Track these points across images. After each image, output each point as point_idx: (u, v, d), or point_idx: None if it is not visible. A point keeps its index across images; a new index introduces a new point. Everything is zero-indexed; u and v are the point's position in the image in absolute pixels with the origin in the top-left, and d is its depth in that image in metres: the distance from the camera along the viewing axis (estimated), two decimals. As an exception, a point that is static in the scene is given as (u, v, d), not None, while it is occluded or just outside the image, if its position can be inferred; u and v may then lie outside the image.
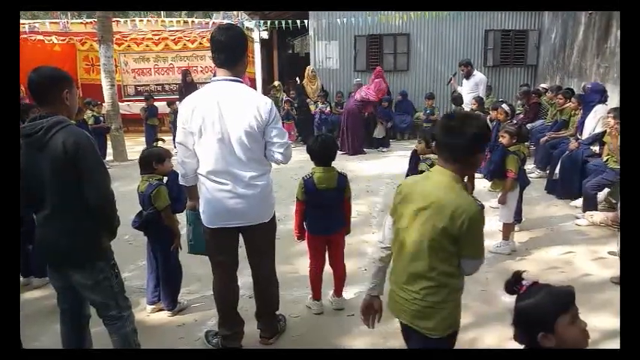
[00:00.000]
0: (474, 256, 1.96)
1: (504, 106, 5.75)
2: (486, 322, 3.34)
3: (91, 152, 2.26)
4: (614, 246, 4.26)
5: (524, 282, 1.66)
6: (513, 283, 1.66)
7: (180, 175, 2.90)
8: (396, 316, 2.08)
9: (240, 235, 2.92)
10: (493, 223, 4.94)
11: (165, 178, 3.44)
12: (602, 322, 3.31)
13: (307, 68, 10.86)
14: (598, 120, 5.97)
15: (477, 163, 1.96)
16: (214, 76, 2.78)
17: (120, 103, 11.19)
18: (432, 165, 3.83)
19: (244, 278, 3.19)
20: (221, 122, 2.63)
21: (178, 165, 2.86)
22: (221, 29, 2.68)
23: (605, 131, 5.52)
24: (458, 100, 8.24)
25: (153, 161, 3.38)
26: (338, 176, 3.30)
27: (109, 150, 9.09)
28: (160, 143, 3.69)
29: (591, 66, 7.67)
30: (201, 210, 2.84)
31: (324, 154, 3.27)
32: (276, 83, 11.38)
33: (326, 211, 3.30)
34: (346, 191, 3.37)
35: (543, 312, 1.56)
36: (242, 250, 3.01)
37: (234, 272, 2.98)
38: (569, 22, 9.05)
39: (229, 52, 2.66)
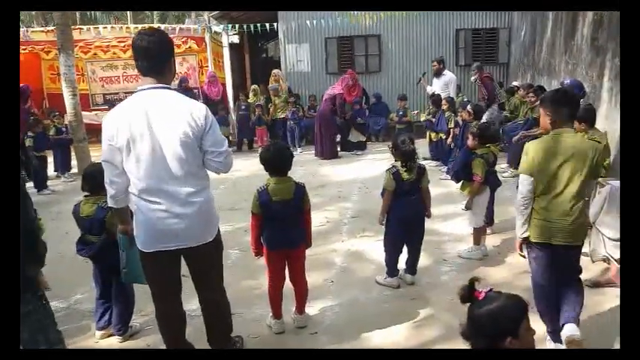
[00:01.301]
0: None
1: (469, 107, 5.66)
2: (456, 334, 3.15)
3: None
4: (587, 247, 4.15)
5: (480, 289, 1.65)
6: (469, 290, 1.65)
7: (108, 197, 2.63)
8: (548, 240, 2.78)
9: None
10: (464, 227, 4.82)
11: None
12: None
13: (272, 71, 10.66)
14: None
15: None
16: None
17: (88, 113, 10.87)
18: (395, 173, 3.66)
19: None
20: (151, 134, 2.40)
21: (106, 185, 2.59)
22: (143, 34, 2.46)
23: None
24: (437, 101, 8.12)
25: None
26: (295, 186, 3.11)
27: (74, 162, 8.76)
28: None
29: (560, 63, 7.62)
30: (135, 233, 2.59)
31: (277, 164, 3.07)
32: (254, 87, 11.14)
33: (283, 224, 3.10)
34: (305, 202, 3.17)
35: (510, 317, 1.58)
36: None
37: (177, 298, 2.75)
38: (537, 19, 9.03)
39: (154, 58, 2.45)
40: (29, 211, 2.11)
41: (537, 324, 2.74)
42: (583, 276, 3.76)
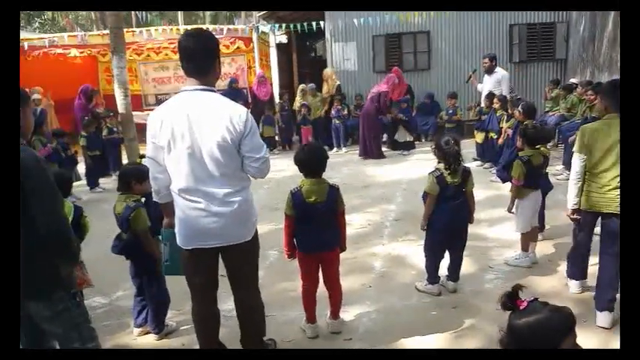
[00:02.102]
0: None
1: (520, 107, 5.38)
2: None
3: (37, 173, 2.04)
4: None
5: (523, 297, 1.54)
6: (511, 298, 1.54)
7: (153, 192, 2.69)
8: (599, 210, 3.20)
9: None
10: (513, 232, 4.56)
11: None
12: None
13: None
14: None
15: None
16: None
17: (140, 113, 11.23)
18: (439, 177, 3.49)
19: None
20: (191, 135, 2.41)
21: (151, 181, 2.65)
22: (188, 35, 2.47)
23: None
24: (492, 99, 7.80)
25: (132, 180, 3.18)
26: (329, 188, 3.02)
27: (125, 160, 9.07)
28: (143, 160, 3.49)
29: (622, 58, 7.13)
30: (176, 230, 2.62)
31: (312, 165, 3.00)
32: (302, 86, 11.16)
33: (317, 227, 3.03)
34: (339, 204, 3.08)
35: (553, 331, 1.46)
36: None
37: (213, 295, 2.76)
38: (597, 12, 8.50)
39: (198, 59, 2.45)
40: (60, 211, 2.12)
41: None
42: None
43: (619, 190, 3.02)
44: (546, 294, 3.46)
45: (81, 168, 7.86)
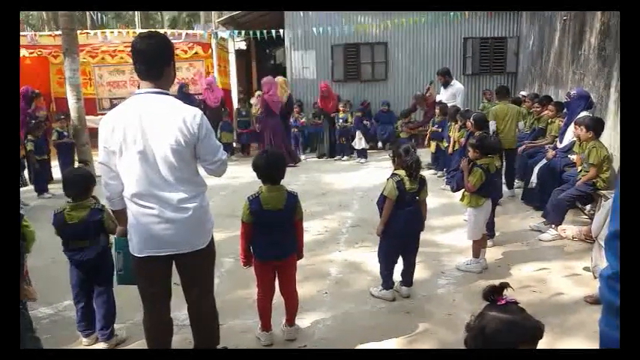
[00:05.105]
0: None
1: (472, 119, 5.58)
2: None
3: None
4: (589, 261, 4.03)
5: (506, 295, 1.59)
6: (494, 292, 1.59)
7: (105, 198, 2.62)
8: (505, 148, 6.00)
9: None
10: (464, 239, 4.69)
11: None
12: (575, 347, 3.07)
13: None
14: (577, 128, 5.81)
15: None
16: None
17: (94, 117, 10.90)
18: (399, 182, 3.55)
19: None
20: (143, 139, 2.36)
21: (103, 187, 2.58)
22: (142, 37, 2.42)
23: (580, 140, 5.36)
24: (444, 110, 8.02)
25: (91, 185, 3.13)
26: (287, 195, 3.03)
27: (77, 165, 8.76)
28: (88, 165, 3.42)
29: (567, 73, 7.50)
30: (128, 237, 2.55)
31: (270, 171, 2.99)
32: (259, 93, 11.10)
33: (274, 235, 3.02)
34: (297, 212, 3.09)
35: (516, 333, 1.51)
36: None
37: (166, 305, 2.69)
38: (545, 28, 8.93)
39: (151, 62, 2.40)
40: None
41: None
42: (585, 292, 3.70)
43: (511, 138, 6.16)
44: (495, 298, 3.57)
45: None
